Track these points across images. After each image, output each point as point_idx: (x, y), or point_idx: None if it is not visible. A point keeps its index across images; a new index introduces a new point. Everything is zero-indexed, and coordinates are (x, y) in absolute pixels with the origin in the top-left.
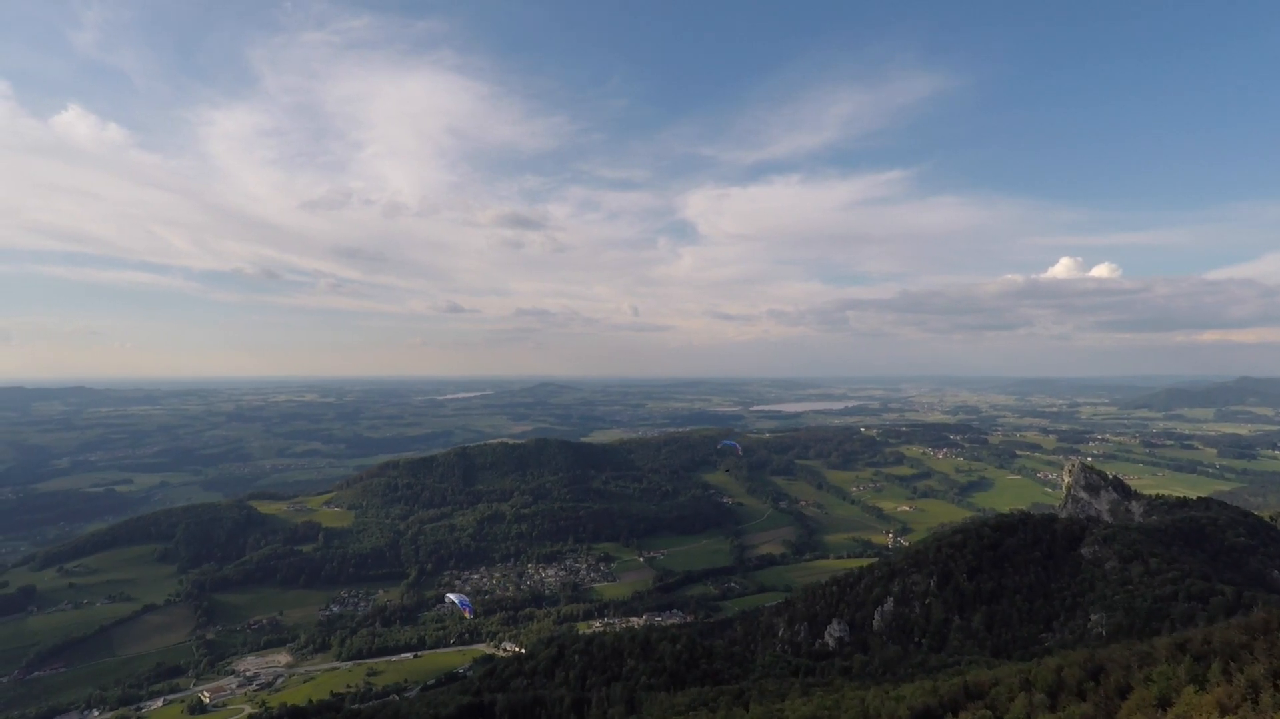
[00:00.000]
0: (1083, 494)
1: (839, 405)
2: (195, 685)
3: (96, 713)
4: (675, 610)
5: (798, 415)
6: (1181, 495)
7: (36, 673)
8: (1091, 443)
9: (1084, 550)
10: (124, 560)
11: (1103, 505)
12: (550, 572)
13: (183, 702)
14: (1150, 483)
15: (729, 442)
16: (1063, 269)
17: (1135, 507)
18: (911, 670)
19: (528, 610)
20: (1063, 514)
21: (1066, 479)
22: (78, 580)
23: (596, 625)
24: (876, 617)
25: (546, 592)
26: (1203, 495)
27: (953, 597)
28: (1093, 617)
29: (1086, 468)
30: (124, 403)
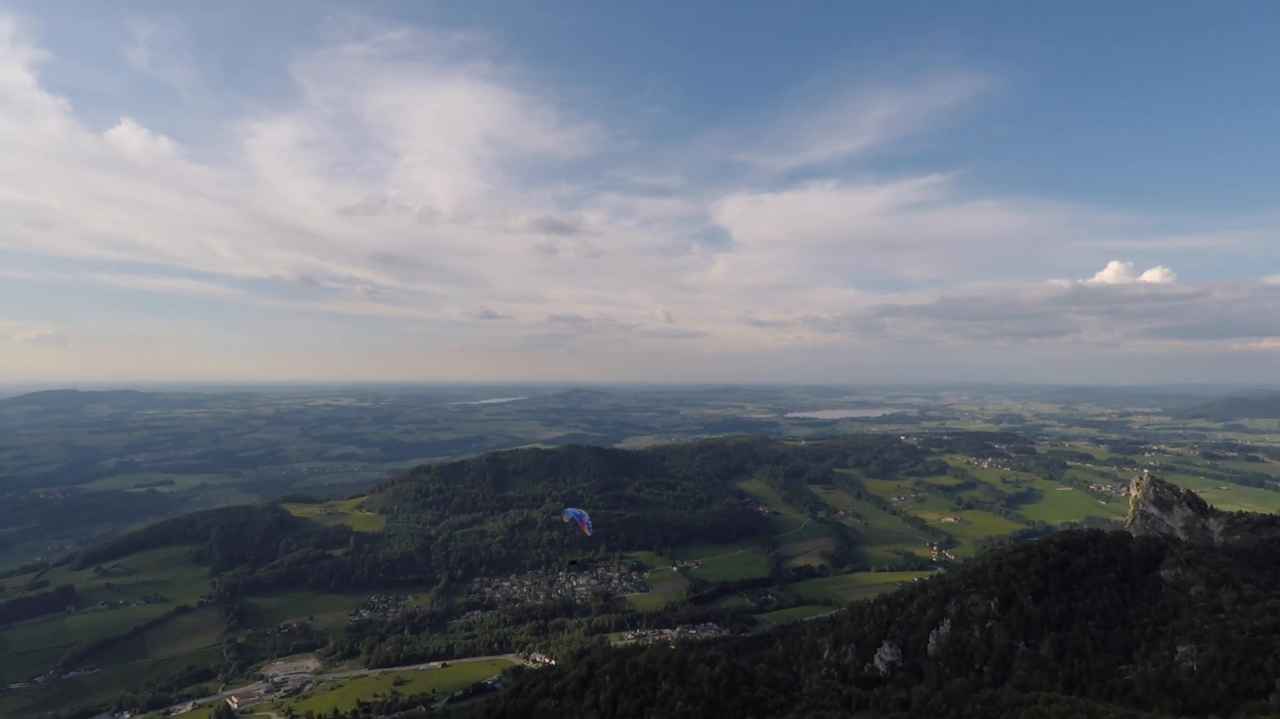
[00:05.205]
0: (1153, 510)
1: (876, 413)
2: (224, 690)
3: (128, 715)
4: (710, 623)
5: (834, 423)
6: (1264, 514)
7: (72, 673)
8: (1147, 454)
9: (1164, 573)
10: (160, 561)
11: (1176, 523)
12: (581, 581)
13: (211, 706)
14: (1214, 497)
15: (575, 512)
16: (1112, 274)
17: (1214, 525)
18: (982, 707)
19: (558, 620)
20: (1132, 532)
21: (1134, 493)
22: (115, 581)
23: (629, 637)
24: (931, 640)
25: (578, 601)
26: None
27: (1017, 621)
28: (1179, 648)
29: (1157, 481)
30: (169, 406)
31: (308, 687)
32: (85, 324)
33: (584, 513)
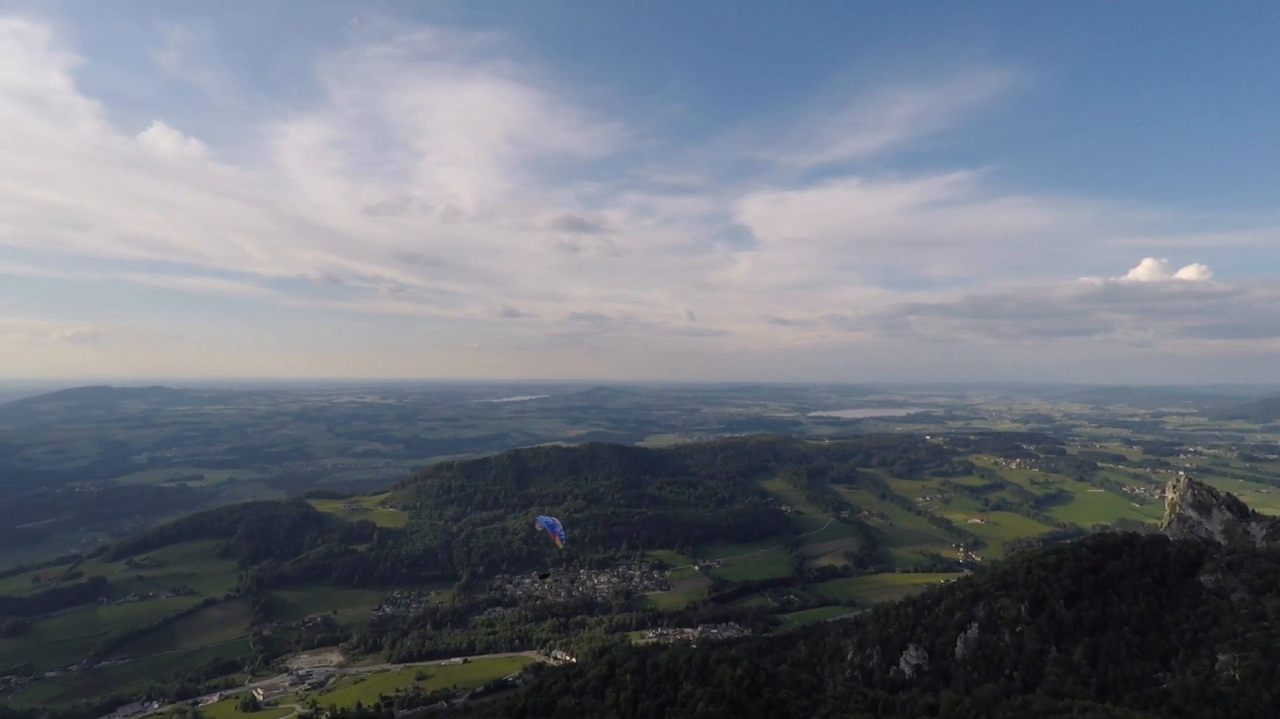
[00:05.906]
0: (1191, 513)
1: (901, 412)
2: (250, 682)
3: (156, 705)
4: (732, 623)
5: (857, 422)
6: None
7: (104, 662)
8: (1182, 455)
9: (1204, 578)
10: (189, 555)
11: (1215, 527)
12: (603, 579)
13: (237, 698)
14: (1254, 500)
15: (547, 521)
16: (1145, 271)
17: (1256, 529)
18: (1013, 714)
19: (579, 618)
20: (1169, 535)
21: (1171, 495)
22: (145, 573)
23: (650, 636)
24: (959, 644)
25: (599, 599)
26: None
27: (1048, 625)
28: (1220, 657)
29: (1195, 483)
30: (199, 402)
31: (331, 680)
32: (118, 322)
33: (556, 522)
